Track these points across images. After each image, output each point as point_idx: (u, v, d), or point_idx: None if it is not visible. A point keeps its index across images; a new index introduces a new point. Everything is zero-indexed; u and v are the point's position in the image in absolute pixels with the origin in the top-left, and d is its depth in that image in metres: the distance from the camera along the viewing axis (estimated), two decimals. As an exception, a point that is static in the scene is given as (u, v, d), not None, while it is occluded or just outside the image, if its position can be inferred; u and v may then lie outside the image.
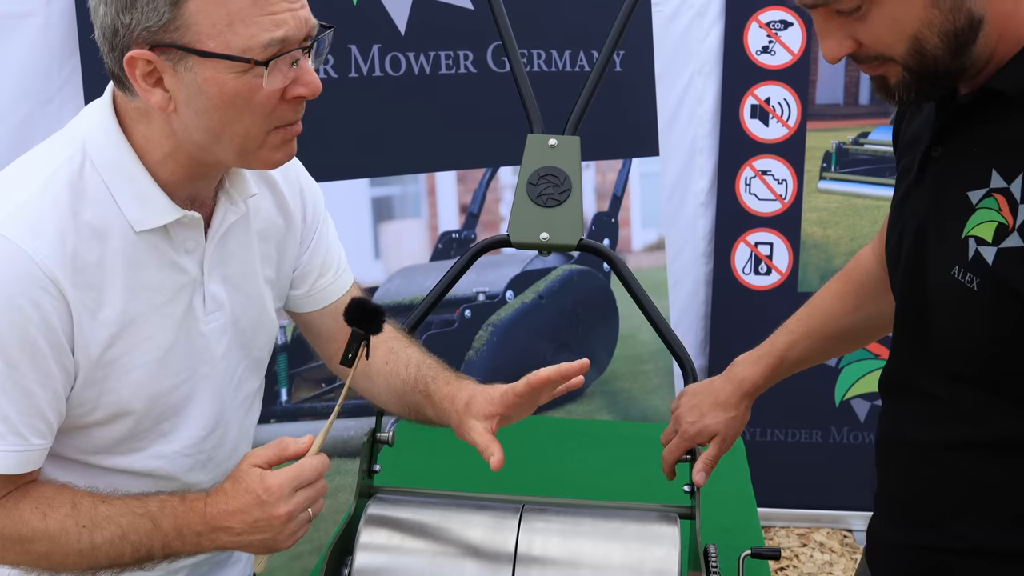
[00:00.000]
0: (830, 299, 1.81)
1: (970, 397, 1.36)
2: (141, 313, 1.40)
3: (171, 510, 1.40)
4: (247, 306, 1.55)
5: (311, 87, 1.36)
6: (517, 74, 1.95)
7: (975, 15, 1.25)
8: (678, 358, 1.86)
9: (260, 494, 1.38)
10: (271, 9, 1.29)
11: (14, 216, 1.30)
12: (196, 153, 1.37)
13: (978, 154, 1.31)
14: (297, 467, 1.41)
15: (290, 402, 2.86)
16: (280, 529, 1.40)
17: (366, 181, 2.96)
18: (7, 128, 2.40)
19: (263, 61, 1.29)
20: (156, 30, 1.28)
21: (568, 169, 1.79)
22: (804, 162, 3.52)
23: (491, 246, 1.89)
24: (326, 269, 1.70)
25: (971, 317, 1.31)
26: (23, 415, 1.34)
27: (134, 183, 1.37)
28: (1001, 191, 1.27)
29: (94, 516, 1.38)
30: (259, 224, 1.57)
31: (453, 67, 3.01)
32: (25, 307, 1.30)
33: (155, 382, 1.44)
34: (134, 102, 1.36)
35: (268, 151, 1.38)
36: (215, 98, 1.31)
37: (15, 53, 2.42)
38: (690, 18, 3.47)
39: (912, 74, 1.29)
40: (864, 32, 1.29)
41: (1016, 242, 1.24)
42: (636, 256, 3.44)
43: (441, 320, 3.06)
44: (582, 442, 2.60)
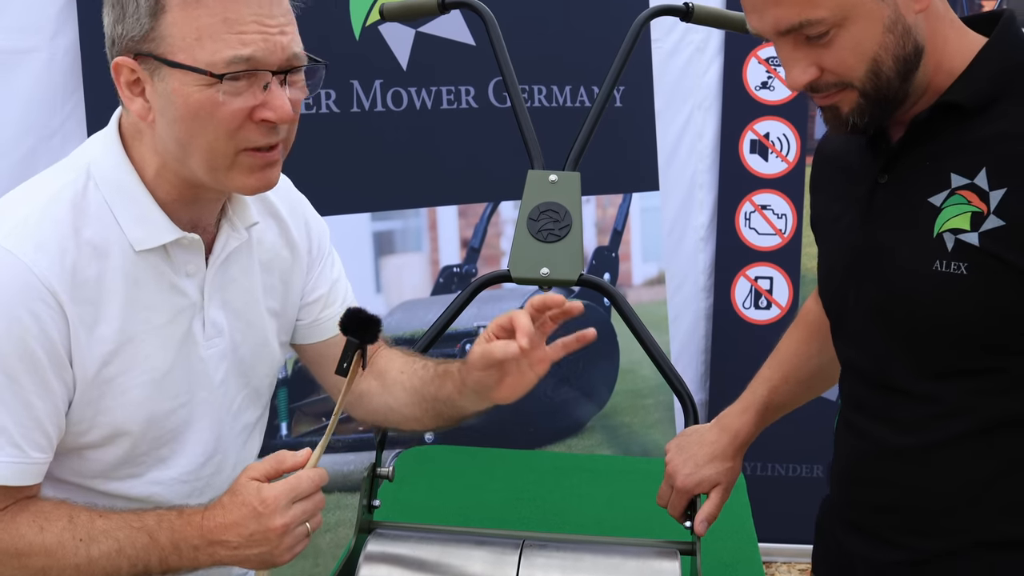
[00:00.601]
0: (795, 345, 1.87)
1: (959, 389, 1.43)
2: (139, 333, 1.42)
3: (168, 524, 1.40)
4: (247, 334, 1.56)
5: (278, 112, 1.37)
6: (518, 110, 1.96)
7: (919, 44, 1.40)
8: (679, 394, 1.86)
9: (256, 506, 1.38)
10: (240, 28, 1.33)
11: (16, 230, 1.33)
12: (177, 169, 1.40)
13: (932, 166, 1.42)
14: (294, 479, 1.40)
15: (290, 436, 2.86)
16: (277, 542, 1.39)
17: (367, 215, 2.97)
18: (10, 162, 2.41)
19: (218, 75, 1.32)
20: (139, 39, 1.34)
21: (568, 204, 1.80)
22: (804, 197, 3.53)
23: (491, 281, 1.89)
24: (332, 301, 1.71)
25: (965, 301, 1.38)
26: (21, 427, 1.35)
27: (135, 203, 1.40)
28: (965, 187, 1.38)
29: (91, 530, 1.38)
30: (263, 254, 1.58)
31: (455, 102, 3.02)
32: (24, 318, 1.31)
33: (152, 404, 1.45)
34: (131, 119, 1.41)
35: (240, 174, 1.39)
36: (181, 108, 1.34)
37: (20, 88, 2.43)
38: (689, 54, 3.50)
39: (867, 99, 1.41)
40: (829, 57, 1.39)
41: (996, 223, 1.35)
42: (636, 290, 3.45)
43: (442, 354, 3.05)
44: (582, 477, 2.60)
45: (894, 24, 1.37)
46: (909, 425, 1.49)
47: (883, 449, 1.53)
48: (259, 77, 1.35)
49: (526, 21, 3.02)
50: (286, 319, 1.66)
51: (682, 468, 1.79)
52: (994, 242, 1.35)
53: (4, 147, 2.42)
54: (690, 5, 2.05)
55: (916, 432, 1.48)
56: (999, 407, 1.41)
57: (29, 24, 2.43)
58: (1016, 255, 1.34)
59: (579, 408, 3.28)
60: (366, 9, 2.87)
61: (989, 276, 1.36)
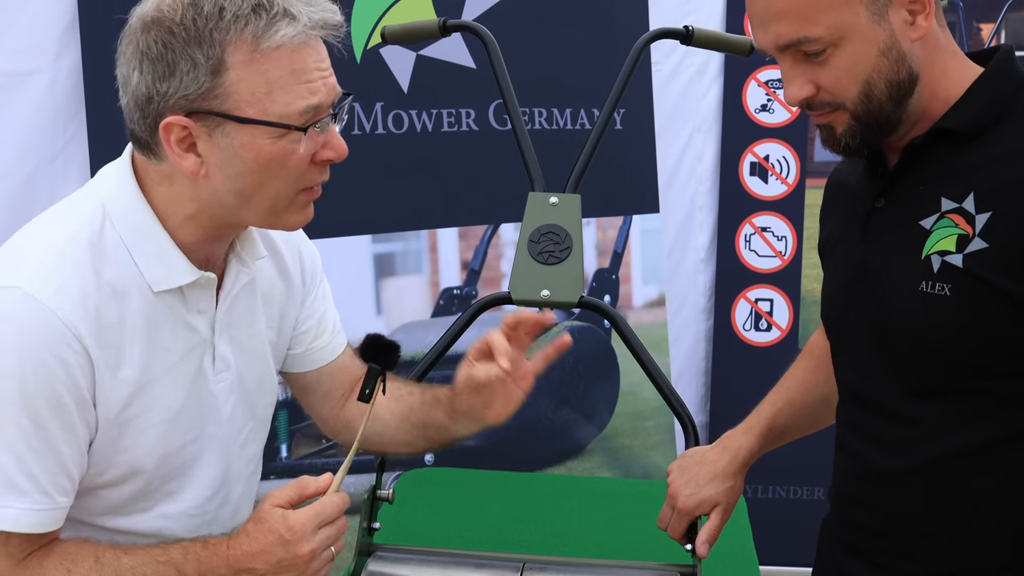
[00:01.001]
0: (802, 373, 1.89)
1: (941, 411, 1.46)
2: (157, 373, 1.42)
3: (194, 556, 1.40)
4: (252, 366, 1.56)
5: (338, 150, 1.40)
6: (518, 132, 1.96)
7: (913, 72, 1.45)
8: (679, 416, 1.86)
9: (283, 533, 1.38)
10: (307, 78, 1.34)
11: (37, 274, 1.32)
12: (220, 215, 1.41)
13: (925, 190, 1.47)
14: (319, 505, 1.41)
15: (290, 458, 2.85)
16: (304, 568, 1.39)
17: (368, 237, 2.97)
18: (12, 185, 2.42)
19: (303, 127, 1.34)
20: (195, 98, 1.32)
21: (569, 227, 1.80)
22: (803, 219, 3.53)
23: (492, 304, 1.90)
24: (322, 331, 1.72)
25: (948, 323, 1.42)
26: (49, 473, 1.34)
27: (153, 244, 1.40)
28: (954, 211, 1.43)
29: (118, 568, 1.38)
30: (263, 287, 1.58)
31: (455, 125, 3.03)
32: (51, 363, 1.30)
33: (166, 441, 1.45)
34: (157, 167, 1.39)
35: (294, 213, 1.42)
36: (250, 162, 1.34)
37: (22, 110, 2.44)
38: (689, 77, 3.51)
39: (859, 121, 1.46)
40: (824, 76, 1.44)
41: (980, 245, 1.39)
42: (637, 312, 3.45)
43: (442, 376, 3.05)
44: (583, 499, 2.59)
45: (889, 49, 1.42)
46: (895, 447, 1.51)
47: (872, 471, 1.55)
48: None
49: (527, 44, 3.03)
50: (280, 347, 1.66)
51: (683, 489, 1.79)
52: (977, 264, 1.39)
53: (6, 169, 2.42)
54: (690, 28, 2.06)
55: (901, 454, 1.50)
56: (983, 429, 1.43)
57: (32, 46, 2.44)
58: (998, 277, 1.38)
59: (579, 430, 3.27)
60: (367, 32, 2.88)
61: (972, 297, 1.40)
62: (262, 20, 1.31)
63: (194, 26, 1.30)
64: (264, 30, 1.31)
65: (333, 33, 1.38)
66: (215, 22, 1.30)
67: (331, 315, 1.75)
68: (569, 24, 3.17)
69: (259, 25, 1.31)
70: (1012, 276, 1.37)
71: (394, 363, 1.47)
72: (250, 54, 1.31)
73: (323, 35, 1.36)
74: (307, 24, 1.33)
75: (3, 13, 2.40)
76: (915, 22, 1.43)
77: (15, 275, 1.32)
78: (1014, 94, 1.46)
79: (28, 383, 1.29)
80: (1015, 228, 1.37)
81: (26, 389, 1.29)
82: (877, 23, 1.41)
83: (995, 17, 3.41)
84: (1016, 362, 1.40)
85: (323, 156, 1.39)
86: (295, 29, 1.32)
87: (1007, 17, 3.40)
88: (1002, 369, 1.41)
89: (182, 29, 1.30)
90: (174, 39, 1.31)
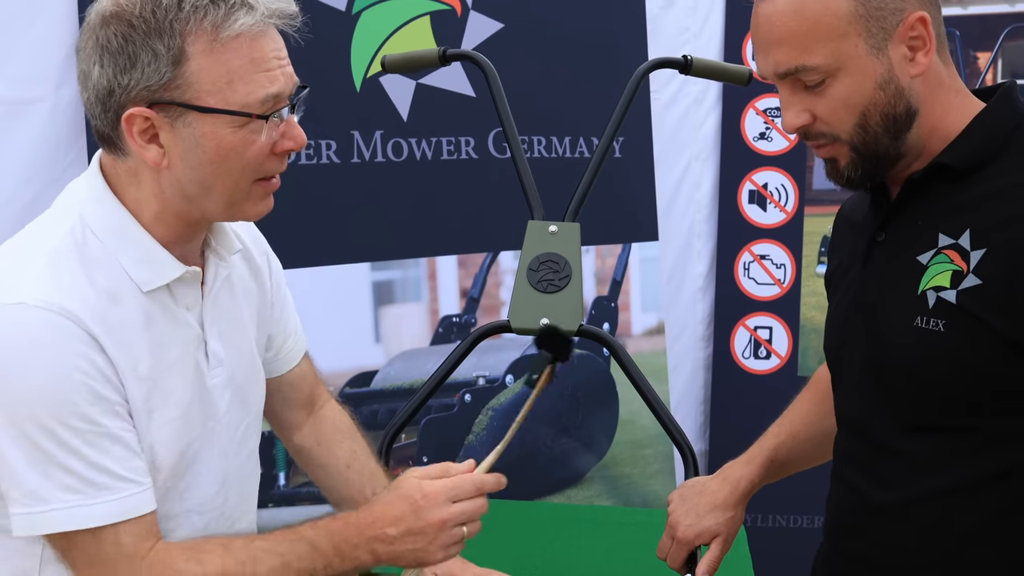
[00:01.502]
0: (806, 406, 1.89)
1: (935, 446, 1.46)
2: (163, 370, 1.44)
3: (324, 529, 1.42)
4: (240, 360, 1.58)
5: (297, 140, 1.43)
6: (517, 161, 1.97)
7: (912, 107, 1.46)
8: (679, 445, 1.86)
9: (417, 499, 1.41)
10: (266, 67, 1.38)
11: (36, 287, 1.34)
12: (183, 209, 1.42)
13: (923, 225, 1.49)
14: (457, 479, 1.44)
15: (288, 486, 2.84)
16: (433, 537, 1.42)
17: (367, 265, 2.97)
18: (13, 211, 2.42)
19: (264, 115, 1.37)
20: (156, 88, 1.35)
21: (568, 255, 1.80)
22: (802, 247, 3.54)
23: (491, 332, 1.90)
24: (289, 333, 1.75)
25: (941, 359, 1.42)
26: (120, 460, 1.36)
27: (136, 245, 1.42)
28: (950, 247, 1.44)
29: (251, 551, 1.40)
30: (239, 284, 1.61)
31: (455, 153, 3.04)
32: (80, 363, 1.33)
33: (181, 437, 1.46)
34: (125, 163, 1.41)
35: (251, 203, 1.45)
36: (211, 152, 1.37)
37: (23, 138, 2.45)
38: (687, 105, 3.52)
39: (858, 153, 1.47)
40: (821, 105, 1.46)
41: (974, 281, 1.40)
42: (636, 340, 3.45)
43: (441, 404, 3.05)
44: (582, 528, 2.58)
45: (887, 83, 1.44)
46: (889, 480, 1.51)
47: (867, 504, 1.55)
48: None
49: (526, 72, 3.04)
50: (260, 347, 1.68)
51: (683, 519, 1.79)
52: (970, 300, 1.40)
53: (7, 196, 2.43)
54: (689, 58, 2.08)
55: (896, 488, 1.50)
56: (976, 465, 1.44)
57: (34, 74, 2.45)
58: (990, 314, 1.38)
59: (578, 458, 3.26)
60: (367, 60, 2.89)
61: (965, 334, 1.40)
62: (220, 10, 1.34)
63: (154, 18, 1.33)
64: (223, 19, 1.34)
65: (289, 22, 1.42)
66: (175, 13, 1.33)
67: (293, 319, 1.78)
68: (568, 52, 3.19)
69: (218, 15, 1.34)
70: (1004, 314, 1.38)
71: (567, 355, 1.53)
72: (210, 43, 1.34)
73: (279, 24, 1.40)
74: (264, 13, 1.36)
75: (5, 41, 2.41)
76: (915, 58, 1.44)
77: (15, 292, 1.33)
78: (1014, 131, 1.46)
79: (64, 388, 1.31)
80: (1007, 266, 1.38)
81: (64, 394, 1.31)
82: (876, 56, 1.43)
83: (991, 46, 3.43)
84: (1007, 400, 1.41)
85: (283, 146, 1.42)
86: (253, 18, 1.35)
87: (1003, 46, 3.41)
88: (994, 406, 1.41)
89: (142, 21, 1.33)
90: (134, 31, 1.34)
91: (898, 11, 1.43)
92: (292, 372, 1.78)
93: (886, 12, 1.42)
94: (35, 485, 1.33)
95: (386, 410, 2.92)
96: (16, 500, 1.34)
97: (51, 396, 1.31)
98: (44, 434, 1.31)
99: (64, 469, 1.33)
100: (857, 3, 1.42)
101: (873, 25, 1.42)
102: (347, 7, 2.84)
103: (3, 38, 2.41)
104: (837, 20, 1.42)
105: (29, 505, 1.33)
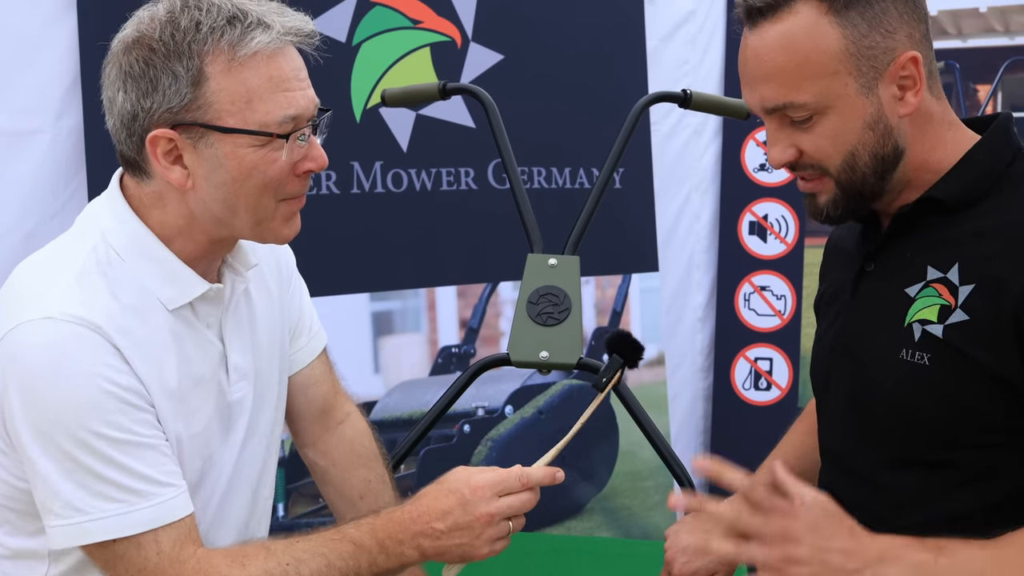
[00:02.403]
0: (800, 437, 1.87)
1: (919, 480, 1.44)
2: (190, 387, 1.44)
3: (368, 527, 1.42)
4: (259, 373, 1.57)
5: (318, 161, 1.44)
6: (517, 194, 1.97)
7: (899, 146, 1.43)
8: (678, 478, 1.85)
9: (465, 493, 1.41)
10: (286, 86, 1.39)
11: (63, 301, 1.35)
12: (211, 228, 1.44)
13: (912, 257, 1.46)
14: (504, 473, 1.45)
15: (287, 517, 2.83)
16: (480, 531, 1.42)
17: (366, 296, 2.97)
18: (13, 242, 2.42)
19: (284, 135, 1.38)
20: (178, 110, 1.36)
21: (568, 288, 1.81)
22: (803, 278, 3.54)
23: (490, 365, 1.90)
24: (300, 332, 1.73)
25: (925, 392, 1.40)
26: (157, 466, 1.37)
27: (160, 264, 1.43)
28: (939, 280, 1.42)
29: (294, 552, 1.39)
30: (256, 293, 1.59)
31: (454, 183, 3.05)
32: (109, 374, 1.34)
33: (202, 452, 1.47)
34: (148, 186, 1.43)
35: (279, 224, 1.45)
36: (234, 171, 1.38)
37: (23, 169, 2.45)
38: (687, 137, 3.53)
39: (842, 190, 1.45)
40: (808, 142, 1.43)
41: (961, 317, 1.38)
42: (636, 371, 3.42)
43: (440, 435, 3.04)
44: (582, 560, 2.57)
45: (876, 123, 1.41)
46: (872, 513, 1.48)
47: None
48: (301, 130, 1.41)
49: (526, 104, 3.05)
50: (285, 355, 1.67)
51: (680, 556, 1.78)
52: (957, 335, 1.38)
53: (7, 226, 2.43)
54: (688, 92, 2.08)
55: (879, 521, 1.47)
56: (959, 500, 1.42)
57: (35, 106, 2.46)
58: (976, 350, 1.36)
59: (578, 490, 3.25)
60: (367, 91, 2.90)
61: (950, 369, 1.38)
62: (237, 30, 1.36)
63: (172, 41, 1.35)
64: (240, 39, 1.36)
65: (307, 40, 1.42)
66: (193, 35, 1.35)
67: (308, 316, 1.75)
68: (568, 84, 3.20)
69: (235, 34, 1.36)
70: (989, 350, 1.36)
71: (636, 361, 1.55)
72: (228, 63, 1.36)
73: (296, 42, 1.41)
74: (280, 31, 1.38)
75: (7, 73, 2.42)
76: (904, 97, 1.42)
77: (42, 307, 1.34)
78: (1008, 166, 1.44)
79: (94, 398, 1.32)
80: (995, 302, 1.36)
81: (94, 404, 1.32)
82: (865, 95, 1.40)
83: (991, 79, 3.44)
84: (991, 435, 1.39)
85: (304, 167, 1.43)
86: (269, 36, 1.37)
87: (1003, 79, 3.43)
88: (978, 441, 1.40)
89: (161, 45, 1.35)
90: (155, 55, 1.36)
91: (889, 50, 1.40)
92: (301, 374, 1.74)
93: (877, 51, 1.39)
94: (72, 496, 1.33)
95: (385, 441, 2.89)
96: (54, 512, 1.34)
97: (82, 407, 1.32)
98: (77, 445, 1.32)
99: (100, 478, 1.33)
100: (848, 41, 1.39)
101: (864, 64, 1.39)
102: (347, 38, 2.86)
103: (5, 69, 2.42)
104: (827, 58, 1.39)
105: (67, 517, 1.33)
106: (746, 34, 1.45)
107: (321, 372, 1.77)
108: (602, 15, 3.27)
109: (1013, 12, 3.41)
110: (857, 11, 1.39)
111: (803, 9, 1.40)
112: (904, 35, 1.41)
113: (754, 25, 1.43)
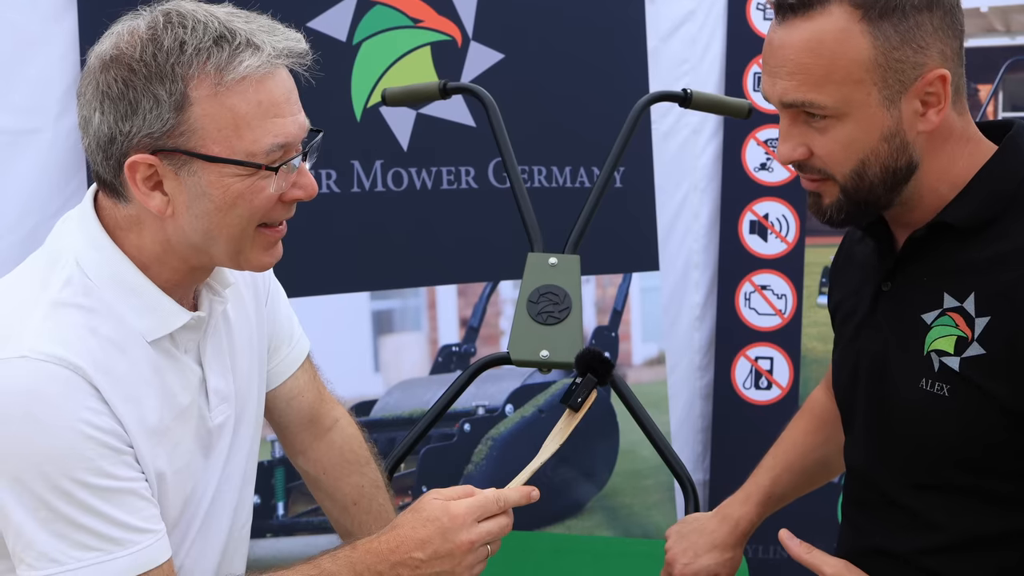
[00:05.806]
0: (800, 435, 1.86)
1: (942, 503, 1.43)
2: (173, 419, 1.39)
3: (346, 560, 1.38)
4: (239, 395, 1.53)
5: (307, 190, 1.38)
6: (517, 193, 1.97)
7: (913, 160, 1.40)
8: (679, 478, 1.85)
9: (445, 521, 1.37)
10: (275, 112, 1.31)
11: (38, 339, 1.28)
12: (189, 255, 1.37)
13: (928, 282, 1.44)
14: (481, 497, 1.41)
15: (287, 516, 2.83)
16: (460, 559, 1.38)
17: (366, 294, 2.97)
18: (14, 241, 2.43)
19: (273, 167, 1.31)
20: (159, 136, 1.28)
21: (568, 287, 1.81)
22: (803, 277, 3.53)
23: (491, 364, 1.90)
24: (278, 344, 1.68)
25: (946, 422, 1.39)
26: (136, 511, 1.31)
27: (137, 294, 1.36)
28: (955, 310, 1.39)
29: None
30: (233, 312, 1.55)
31: (455, 182, 3.04)
32: (87, 416, 1.27)
33: (185, 486, 1.42)
34: (125, 210, 1.35)
35: (257, 252, 1.39)
36: (218, 200, 1.31)
37: (24, 168, 2.45)
38: (686, 136, 3.53)
39: (847, 197, 1.42)
40: (820, 144, 1.41)
41: (977, 350, 1.36)
42: (637, 370, 3.44)
43: (440, 434, 3.04)
44: (582, 559, 2.57)
45: (892, 136, 1.38)
46: (895, 531, 1.49)
47: (876, 550, 1.53)
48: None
49: (527, 102, 3.05)
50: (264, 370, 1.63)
51: (681, 557, 1.78)
52: (974, 370, 1.36)
53: (7, 226, 2.43)
54: (689, 91, 2.08)
55: (901, 539, 1.49)
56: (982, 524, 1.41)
57: (35, 105, 2.46)
58: (993, 384, 1.35)
59: (578, 489, 3.25)
60: (368, 90, 2.90)
61: (967, 401, 1.37)
62: (224, 52, 1.28)
63: (155, 61, 1.27)
64: (227, 62, 1.28)
65: (299, 61, 1.35)
66: (176, 57, 1.27)
67: (286, 326, 1.70)
68: (568, 83, 3.20)
69: (221, 57, 1.28)
70: (1008, 383, 1.34)
71: (605, 379, 1.53)
72: (214, 87, 1.28)
73: (288, 64, 1.33)
74: (271, 54, 1.30)
75: (7, 72, 2.42)
76: (926, 114, 1.38)
77: (16, 345, 1.27)
78: (1020, 185, 1.40)
79: (72, 443, 1.26)
80: (1012, 335, 1.34)
81: (72, 449, 1.26)
82: (886, 108, 1.37)
83: (993, 78, 3.43)
84: (1010, 464, 1.38)
85: (292, 195, 1.37)
86: (259, 59, 1.29)
87: (1005, 78, 3.42)
88: (1001, 469, 1.39)
89: (142, 65, 1.27)
90: (135, 76, 1.27)
91: (919, 65, 1.36)
92: (285, 386, 1.69)
93: (906, 65, 1.35)
94: (47, 547, 1.26)
95: (385, 439, 2.91)
96: (27, 563, 1.28)
97: (62, 455, 1.25)
98: (56, 494, 1.25)
99: (77, 527, 1.27)
100: (878, 52, 1.35)
101: (890, 76, 1.35)
102: (348, 37, 2.85)
103: (5, 68, 2.42)
104: (854, 65, 1.35)
105: (42, 568, 1.27)
106: (775, 25, 1.41)
107: (305, 382, 1.73)
108: (603, 15, 3.26)
109: (1014, 12, 3.41)
110: (891, 22, 1.35)
111: (836, 11, 1.36)
112: (936, 51, 1.37)
113: (784, 19, 1.39)
